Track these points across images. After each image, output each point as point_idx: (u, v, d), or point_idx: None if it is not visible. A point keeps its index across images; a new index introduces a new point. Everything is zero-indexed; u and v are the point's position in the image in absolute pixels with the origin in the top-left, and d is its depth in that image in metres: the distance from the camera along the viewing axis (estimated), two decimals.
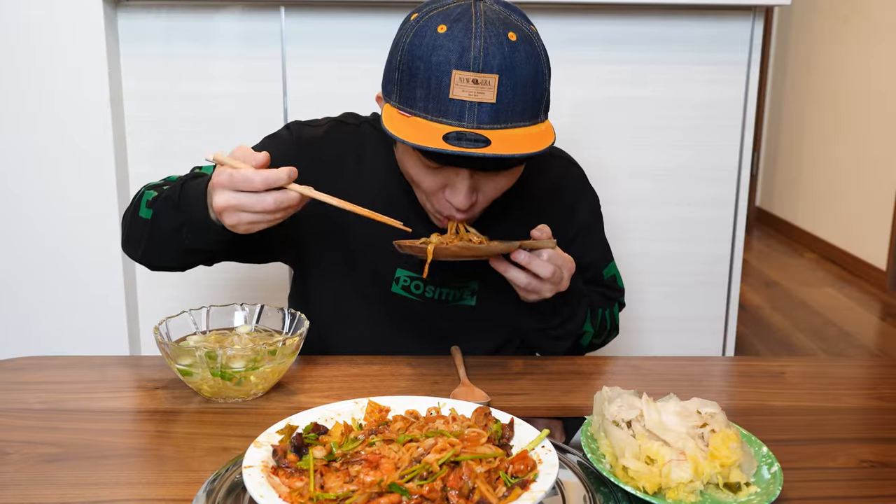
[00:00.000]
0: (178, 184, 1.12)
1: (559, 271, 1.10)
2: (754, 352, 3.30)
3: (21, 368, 1.12)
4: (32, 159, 2.00)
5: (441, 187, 1.09)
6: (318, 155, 1.22)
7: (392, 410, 0.89)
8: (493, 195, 1.11)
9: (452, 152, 0.97)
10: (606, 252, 1.36)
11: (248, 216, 0.98)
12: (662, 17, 2.01)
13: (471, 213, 1.12)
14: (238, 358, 0.99)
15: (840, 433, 0.98)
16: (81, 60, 1.94)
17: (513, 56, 0.99)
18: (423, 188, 1.11)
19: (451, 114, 0.99)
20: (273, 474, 0.76)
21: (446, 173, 1.07)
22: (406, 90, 1.02)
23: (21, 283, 2.07)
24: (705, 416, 0.87)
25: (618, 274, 1.36)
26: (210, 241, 1.08)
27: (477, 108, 0.98)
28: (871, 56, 4.39)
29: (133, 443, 0.93)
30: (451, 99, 0.98)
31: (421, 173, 1.09)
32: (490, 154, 0.97)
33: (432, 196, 1.11)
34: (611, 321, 1.32)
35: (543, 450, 0.80)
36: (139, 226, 1.14)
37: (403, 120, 1.02)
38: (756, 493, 0.80)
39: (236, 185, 0.96)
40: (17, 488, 0.81)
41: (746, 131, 2.08)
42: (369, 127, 1.27)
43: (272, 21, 1.98)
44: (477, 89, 0.98)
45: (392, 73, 1.05)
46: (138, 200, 1.17)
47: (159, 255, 1.16)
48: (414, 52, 1.01)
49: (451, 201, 1.08)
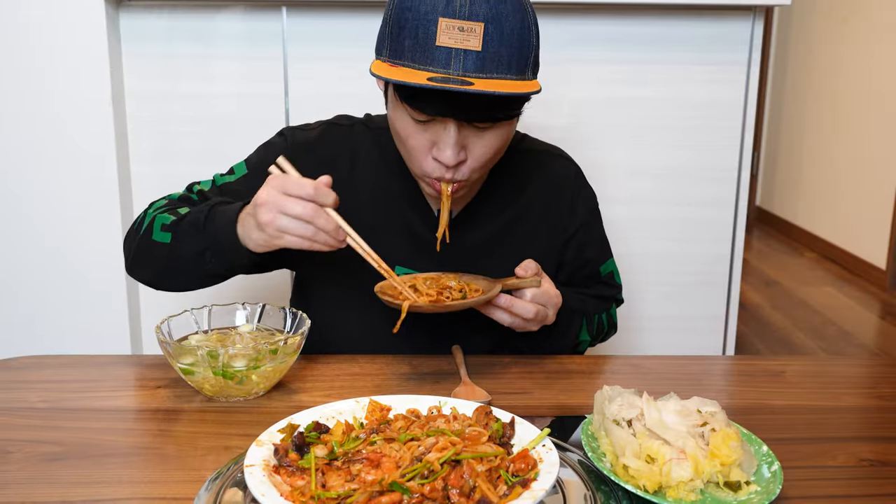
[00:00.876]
0: (203, 209, 1.12)
1: (543, 310, 1.11)
2: (754, 351, 3.31)
3: (23, 367, 1.12)
4: (34, 159, 2.00)
5: (429, 145, 1.09)
6: (313, 157, 1.23)
7: (393, 409, 0.89)
8: (481, 156, 1.10)
9: (436, 87, 0.98)
10: (605, 248, 1.36)
11: (284, 219, 0.99)
12: (662, 17, 2.01)
13: (459, 174, 1.11)
14: (240, 357, 0.99)
15: (840, 432, 0.99)
16: (83, 60, 1.94)
17: (499, 6, 1.01)
18: (412, 147, 1.11)
19: (437, 61, 1.00)
20: (274, 473, 0.76)
21: (434, 129, 1.07)
22: (395, 42, 1.03)
23: (23, 282, 2.07)
24: (705, 415, 0.87)
25: (616, 270, 1.36)
26: (234, 266, 1.10)
27: (463, 55, 1.00)
28: (871, 56, 4.39)
29: (135, 441, 0.93)
30: (438, 46, 1.00)
31: (409, 129, 1.09)
32: (471, 90, 0.98)
33: (421, 157, 1.11)
34: (608, 321, 1.33)
35: (544, 448, 0.80)
36: (154, 249, 1.15)
37: (391, 68, 1.03)
38: (756, 492, 0.80)
39: (286, 188, 0.99)
40: (20, 487, 0.82)
41: (746, 131, 2.08)
42: (362, 127, 1.27)
43: (273, 21, 1.99)
44: (463, 37, 0.99)
45: (384, 27, 1.07)
46: (150, 224, 1.17)
47: (175, 279, 1.18)
48: (403, 3, 1.03)
49: (439, 158, 1.08)
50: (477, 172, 1.13)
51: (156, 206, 1.21)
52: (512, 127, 1.12)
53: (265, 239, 1.02)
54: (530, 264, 1.11)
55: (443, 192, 1.12)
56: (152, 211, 1.19)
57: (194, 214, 1.12)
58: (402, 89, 1.04)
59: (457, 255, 1.23)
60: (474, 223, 1.24)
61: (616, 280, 1.36)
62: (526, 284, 1.10)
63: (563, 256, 1.30)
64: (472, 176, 1.13)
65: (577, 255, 1.30)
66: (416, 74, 1.00)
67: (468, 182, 1.13)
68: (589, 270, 1.32)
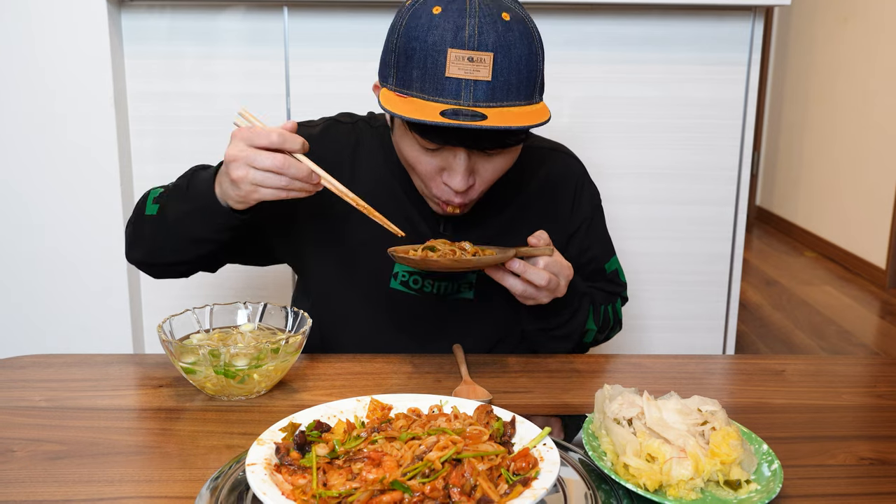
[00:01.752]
0: (186, 174, 1.13)
1: (555, 279, 1.10)
2: (754, 350, 3.31)
3: (26, 366, 1.13)
4: (36, 159, 2.00)
5: (438, 171, 1.10)
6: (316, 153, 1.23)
7: (394, 408, 0.90)
8: (490, 178, 1.12)
9: (450, 125, 0.98)
10: (608, 246, 1.36)
11: (256, 173, 0.99)
12: (663, 17, 2.01)
13: (468, 197, 1.12)
14: (241, 356, 0.99)
15: (839, 431, 0.99)
16: (85, 60, 1.94)
17: (507, 35, 1.01)
18: (421, 172, 1.11)
19: (447, 92, 1.00)
20: (276, 472, 0.76)
21: (443, 155, 1.08)
22: (403, 72, 1.03)
23: (26, 281, 2.07)
24: (706, 413, 0.87)
25: (620, 268, 1.37)
26: (216, 227, 1.09)
27: (473, 85, 1.00)
28: (871, 56, 4.39)
29: (137, 440, 0.93)
30: (448, 77, 1.00)
31: (418, 156, 1.09)
32: (487, 126, 0.97)
33: (430, 181, 1.12)
34: (614, 317, 1.33)
35: (545, 447, 0.80)
36: (144, 223, 1.16)
37: (400, 100, 1.03)
38: (756, 491, 0.80)
39: (253, 140, 0.98)
40: (23, 485, 0.82)
41: (747, 131, 2.09)
42: (365, 124, 1.28)
43: (275, 21, 1.99)
44: (472, 67, 0.99)
45: (388, 56, 1.06)
46: (143, 201, 1.18)
47: (164, 251, 1.17)
48: (410, 33, 1.02)
49: (449, 184, 1.09)
50: (483, 191, 1.14)
51: (154, 187, 1.22)
52: (520, 148, 1.13)
53: (241, 195, 1.02)
54: (543, 234, 1.11)
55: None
56: (149, 190, 1.21)
57: (178, 180, 1.13)
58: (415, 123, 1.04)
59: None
60: (477, 219, 1.25)
61: (621, 278, 1.37)
62: (538, 252, 1.10)
63: (566, 253, 1.31)
64: (479, 195, 1.15)
65: (581, 253, 1.30)
66: (426, 107, 1.00)
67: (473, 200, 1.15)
68: (594, 268, 1.32)
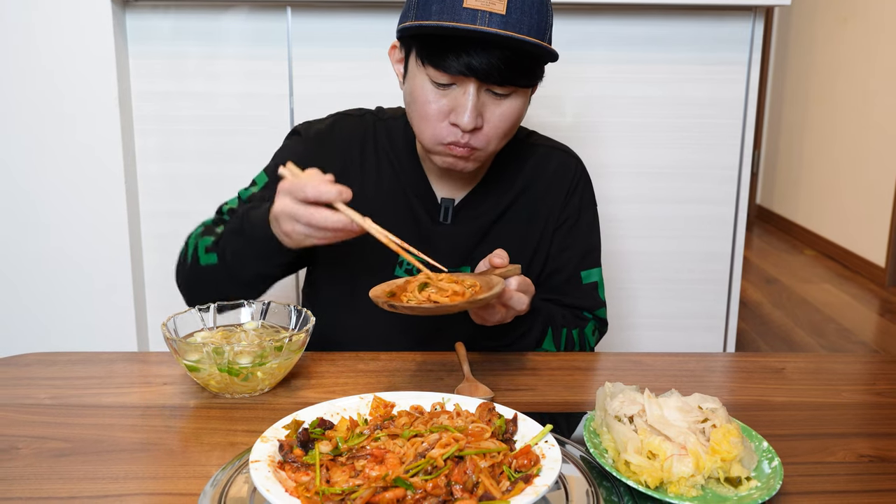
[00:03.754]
0: (236, 217, 1.16)
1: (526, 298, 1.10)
2: (755, 348, 3.31)
3: (31, 364, 1.13)
4: (42, 158, 2.01)
5: (447, 112, 1.12)
6: (326, 146, 1.26)
7: (397, 406, 0.90)
8: (497, 125, 1.13)
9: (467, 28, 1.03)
10: (592, 257, 1.33)
11: (301, 227, 1.02)
12: (664, 17, 2.02)
13: (475, 141, 1.13)
14: (245, 354, 1.00)
15: (839, 428, 0.99)
16: (90, 60, 1.95)
17: None
18: (429, 113, 1.13)
19: (464, 19, 1.05)
20: (279, 469, 0.77)
21: (453, 94, 1.11)
22: (422, 7, 1.08)
23: (31, 280, 2.08)
24: (706, 411, 0.87)
25: (601, 283, 1.33)
26: (276, 263, 1.12)
27: (488, 16, 1.04)
28: (870, 56, 4.39)
29: (141, 437, 0.93)
30: (465, 7, 1.04)
31: (429, 94, 1.12)
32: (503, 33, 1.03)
33: (438, 122, 1.13)
34: (579, 342, 1.29)
35: (546, 444, 0.80)
36: (203, 273, 1.18)
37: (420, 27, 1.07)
38: (756, 488, 0.80)
39: (294, 194, 1.01)
40: (27, 482, 0.82)
41: (747, 130, 2.09)
42: (372, 117, 1.30)
43: (278, 21, 1.99)
44: (488, 1, 1.04)
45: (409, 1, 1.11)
46: (195, 252, 1.20)
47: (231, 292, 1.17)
48: None
49: (457, 122, 1.11)
50: (491, 143, 1.15)
51: (195, 235, 1.23)
52: (527, 99, 1.15)
53: (294, 244, 1.06)
54: (503, 252, 1.10)
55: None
56: (192, 239, 1.22)
57: (231, 223, 1.16)
58: (427, 47, 1.08)
59: (457, 240, 1.25)
60: (475, 210, 1.26)
61: (599, 294, 1.32)
62: (510, 273, 1.09)
63: (549, 248, 1.31)
64: (486, 147, 1.15)
65: (559, 251, 1.29)
66: (444, 29, 1.05)
67: (480, 152, 1.15)
68: (567, 275, 1.30)
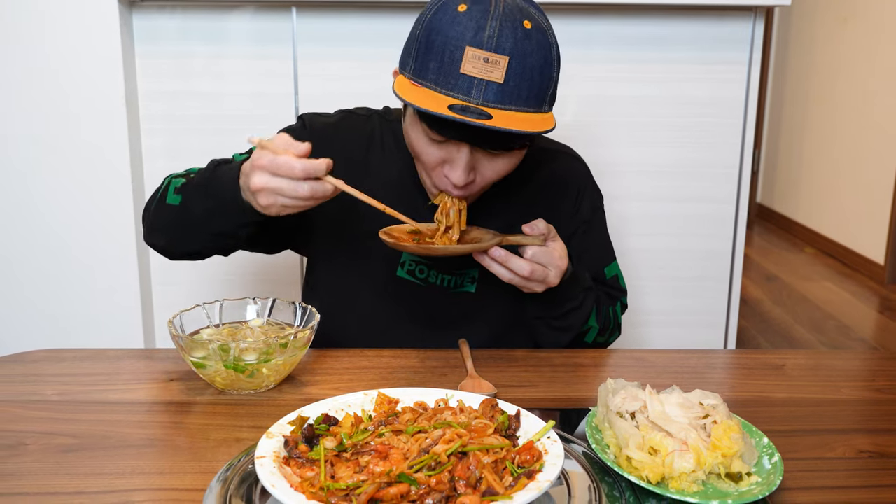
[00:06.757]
0: (207, 169, 1.15)
1: (541, 269, 1.11)
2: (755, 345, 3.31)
3: (38, 361, 1.14)
4: (49, 157, 2.01)
5: (441, 162, 1.11)
6: (330, 142, 1.25)
7: (401, 402, 0.91)
8: (490, 177, 1.13)
9: (455, 119, 0.99)
10: (608, 251, 1.36)
11: (284, 199, 1.00)
12: (664, 17, 2.02)
13: (467, 192, 1.14)
14: (250, 351, 1.00)
15: (839, 424, 1.00)
16: (97, 60, 1.95)
17: (525, 42, 1.02)
18: (424, 161, 1.13)
19: (459, 88, 1.01)
20: (285, 464, 0.77)
21: (448, 149, 1.09)
22: (421, 62, 1.05)
23: (38, 277, 2.08)
24: (707, 407, 0.88)
25: (620, 274, 1.37)
26: (239, 223, 1.10)
27: (485, 85, 1.01)
28: (871, 56, 4.39)
29: (148, 434, 0.94)
30: (462, 73, 1.01)
31: (424, 146, 1.11)
32: (490, 126, 0.99)
33: (432, 171, 1.13)
34: (613, 320, 1.33)
35: (549, 440, 0.81)
36: (167, 212, 1.17)
37: (414, 88, 1.05)
38: (757, 483, 0.81)
39: (277, 170, 0.99)
40: (35, 478, 0.83)
41: (747, 129, 2.09)
42: (379, 118, 1.30)
43: (284, 21, 2.00)
44: (487, 68, 1.01)
45: (410, 44, 1.08)
46: (165, 188, 1.19)
47: (186, 241, 1.19)
48: (433, 25, 1.04)
49: (449, 177, 1.10)
50: (486, 188, 1.16)
51: (175, 173, 1.23)
52: (523, 152, 1.14)
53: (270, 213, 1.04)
54: (539, 223, 1.12)
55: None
56: (169, 177, 1.22)
57: (200, 175, 1.15)
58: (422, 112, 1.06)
59: None
60: (481, 217, 1.26)
61: (621, 283, 1.37)
62: (528, 242, 1.11)
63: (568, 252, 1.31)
64: (482, 191, 1.16)
65: (578, 256, 1.31)
66: (437, 98, 1.02)
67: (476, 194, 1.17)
68: (593, 272, 1.32)
